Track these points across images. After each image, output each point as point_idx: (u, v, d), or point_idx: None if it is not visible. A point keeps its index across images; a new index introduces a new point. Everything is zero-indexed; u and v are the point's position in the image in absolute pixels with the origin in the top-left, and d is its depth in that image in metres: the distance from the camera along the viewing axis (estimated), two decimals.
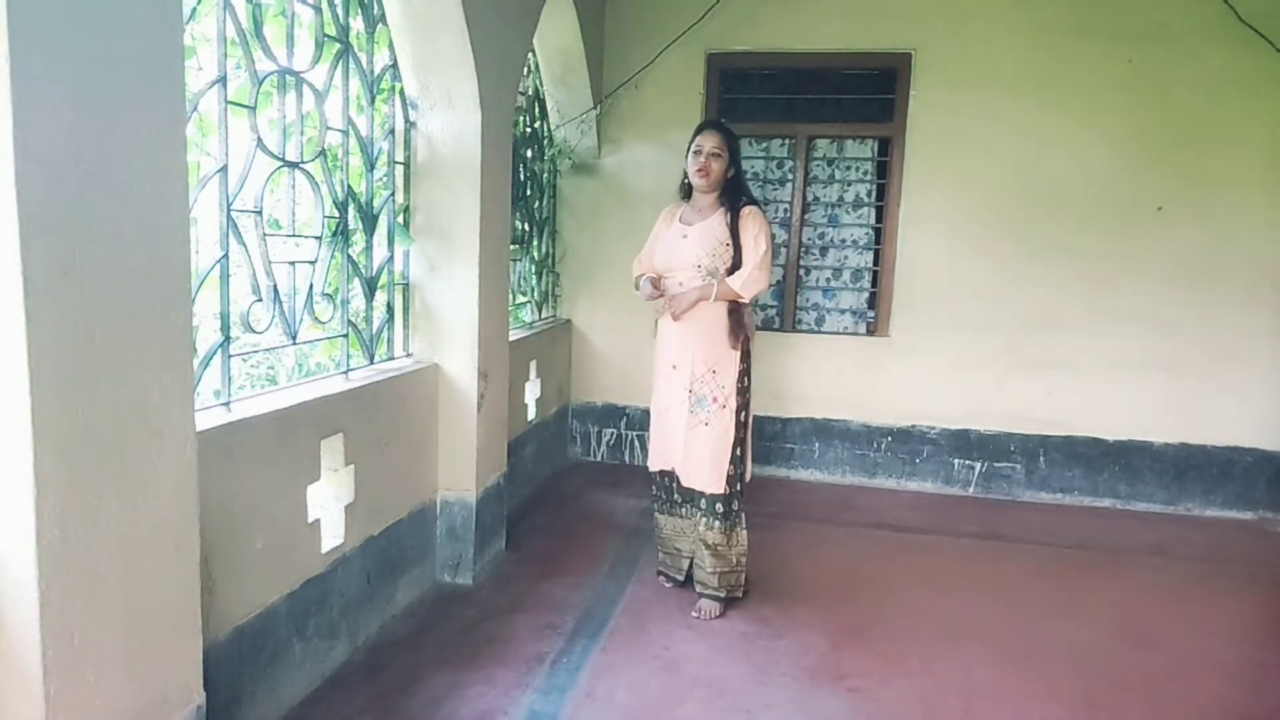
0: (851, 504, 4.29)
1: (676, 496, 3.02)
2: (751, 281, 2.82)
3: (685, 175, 2.93)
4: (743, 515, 2.95)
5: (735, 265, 2.82)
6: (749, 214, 2.87)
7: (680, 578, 3.08)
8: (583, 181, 4.72)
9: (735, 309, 2.86)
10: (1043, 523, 4.09)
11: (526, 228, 4.21)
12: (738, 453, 2.89)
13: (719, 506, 2.89)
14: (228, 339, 2.03)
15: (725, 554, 2.91)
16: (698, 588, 2.97)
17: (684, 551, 3.07)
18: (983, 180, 4.33)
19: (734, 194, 2.90)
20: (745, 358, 2.89)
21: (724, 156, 2.86)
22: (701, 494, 2.90)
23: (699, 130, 2.92)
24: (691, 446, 2.90)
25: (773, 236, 2.97)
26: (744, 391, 2.89)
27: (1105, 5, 4.13)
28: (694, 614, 2.89)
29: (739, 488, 2.93)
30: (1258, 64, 4.00)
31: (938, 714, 2.35)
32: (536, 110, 4.30)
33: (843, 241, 4.68)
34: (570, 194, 4.75)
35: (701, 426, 2.87)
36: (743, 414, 2.90)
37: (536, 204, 4.38)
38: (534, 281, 4.43)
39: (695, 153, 2.87)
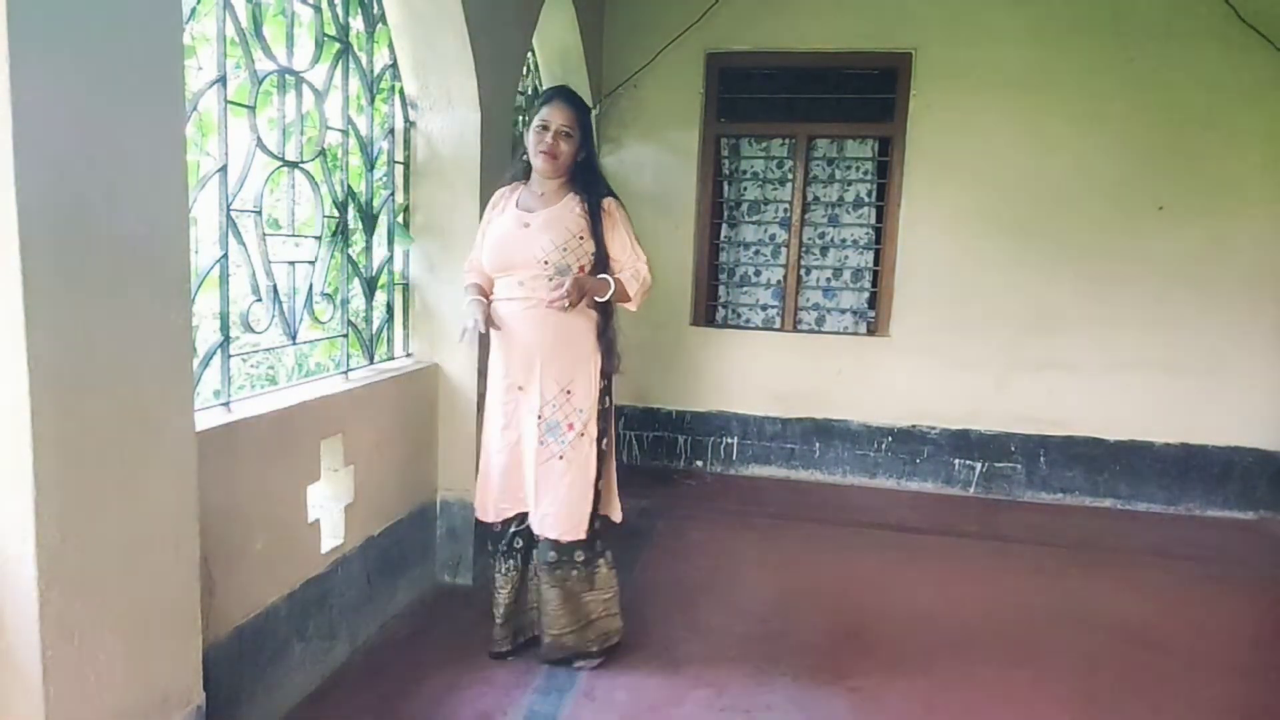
0: (851, 504, 4.29)
1: (518, 544, 2.51)
2: (644, 291, 2.42)
3: (524, 153, 2.42)
4: (607, 554, 2.52)
5: (597, 266, 2.36)
6: (615, 208, 2.41)
7: (509, 647, 2.54)
8: None
9: (607, 324, 2.41)
10: (1043, 523, 4.09)
11: None
12: (599, 489, 2.44)
13: (579, 554, 2.44)
14: (227, 339, 2.03)
15: (588, 603, 2.48)
16: (554, 651, 2.47)
17: (519, 613, 2.57)
18: (983, 180, 4.33)
19: (588, 180, 2.40)
20: (605, 374, 2.43)
21: (575, 136, 2.34)
22: (555, 542, 2.42)
23: (546, 100, 2.36)
24: (546, 486, 2.38)
25: None
26: (605, 415, 2.43)
27: (1106, 5, 4.12)
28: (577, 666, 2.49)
29: (597, 526, 2.46)
30: (1259, 64, 4.00)
31: (938, 714, 2.34)
32: None
33: (843, 241, 4.68)
34: None
35: (556, 460, 2.37)
36: (604, 441, 2.44)
37: None
38: None
39: (541, 128, 2.32)
